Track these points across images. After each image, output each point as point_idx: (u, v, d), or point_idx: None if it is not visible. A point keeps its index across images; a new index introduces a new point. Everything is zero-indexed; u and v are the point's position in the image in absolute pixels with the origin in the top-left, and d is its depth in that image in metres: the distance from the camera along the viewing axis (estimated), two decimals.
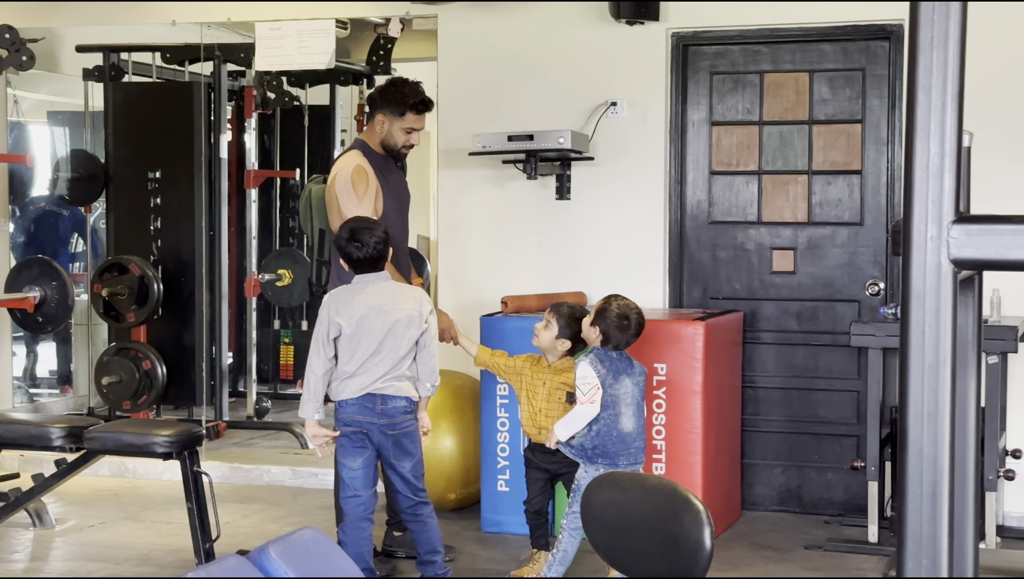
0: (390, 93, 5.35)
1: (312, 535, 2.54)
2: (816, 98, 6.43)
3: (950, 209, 1.97)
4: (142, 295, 7.87)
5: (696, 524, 2.67)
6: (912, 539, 2.02)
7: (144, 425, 5.23)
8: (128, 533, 6.04)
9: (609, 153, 6.60)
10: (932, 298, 1.99)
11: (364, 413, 4.63)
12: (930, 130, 2.03)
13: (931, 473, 2.00)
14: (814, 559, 5.61)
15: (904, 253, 1.99)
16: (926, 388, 2.00)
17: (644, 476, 2.92)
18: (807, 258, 6.48)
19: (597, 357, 4.91)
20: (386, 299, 4.66)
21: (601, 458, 4.87)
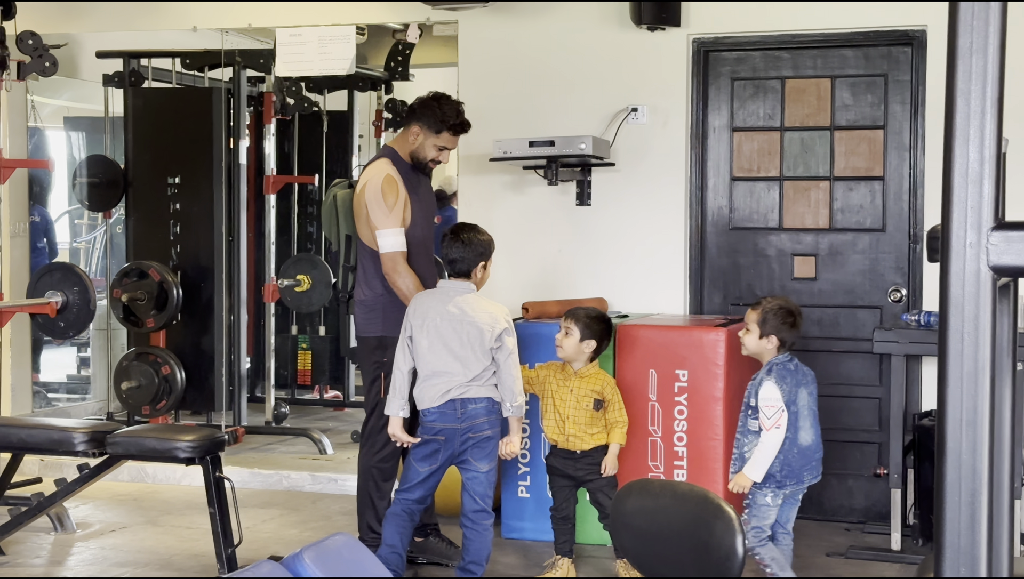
0: (431, 108, 5.35)
1: (344, 541, 2.54)
2: (838, 104, 6.41)
3: (989, 216, 1.95)
4: (161, 300, 7.88)
5: (728, 531, 2.65)
6: (950, 547, 2.00)
7: (167, 430, 5.23)
8: (148, 538, 6.05)
9: (630, 159, 6.59)
10: (971, 305, 1.98)
11: (445, 420, 4.67)
12: (969, 136, 2.01)
13: (970, 481, 1.99)
14: (836, 567, 5.58)
15: (943, 260, 1.97)
16: (965, 395, 1.98)
17: (675, 483, 2.91)
18: (828, 264, 6.46)
19: (779, 374, 4.70)
20: (460, 310, 4.70)
21: (788, 479, 4.68)
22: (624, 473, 5.87)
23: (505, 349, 4.67)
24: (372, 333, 5.31)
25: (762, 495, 4.68)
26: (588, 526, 5.83)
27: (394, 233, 5.21)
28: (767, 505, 4.67)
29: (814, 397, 4.80)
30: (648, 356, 5.80)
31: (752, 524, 4.70)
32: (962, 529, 1.99)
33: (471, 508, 4.71)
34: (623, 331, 5.87)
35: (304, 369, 9.70)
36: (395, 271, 5.18)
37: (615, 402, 5.27)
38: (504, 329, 4.67)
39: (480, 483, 4.68)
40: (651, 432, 5.81)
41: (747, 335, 4.80)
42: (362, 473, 5.39)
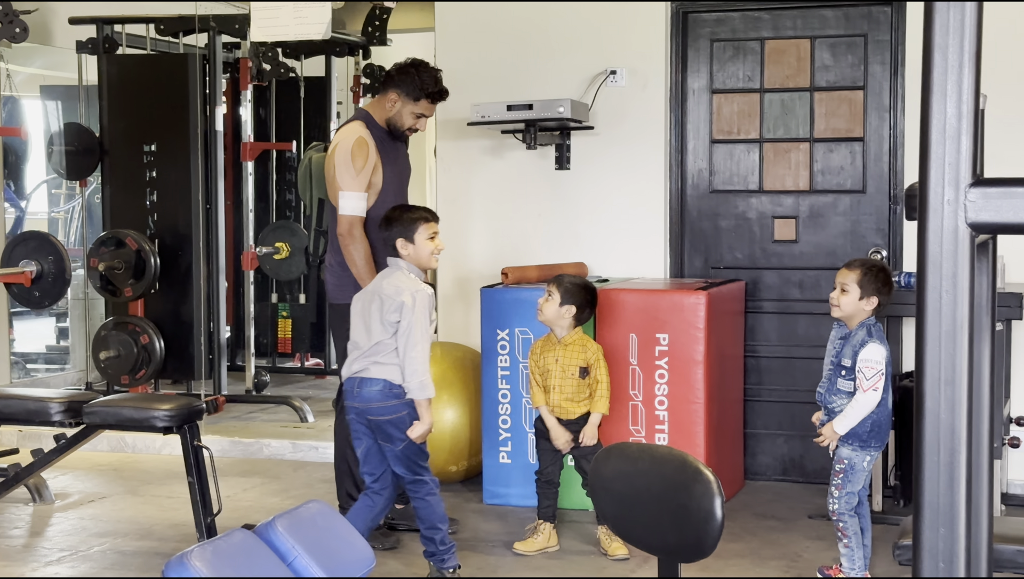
0: (409, 75, 5.27)
1: (319, 509, 2.50)
2: (818, 65, 6.37)
3: (967, 172, 1.92)
4: (139, 269, 7.82)
5: (707, 495, 2.63)
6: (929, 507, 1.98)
7: (144, 399, 5.19)
8: (128, 507, 6.02)
9: (609, 122, 6.55)
10: (949, 263, 1.95)
11: (348, 397, 4.65)
12: (947, 91, 1.98)
13: (948, 441, 1.96)
14: (818, 528, 5.58)
15: (920, 217, 1.95)
16: (943, 354, 1.96)
17: (654, 446, 2.89)
18: (809, 226, 6.44)
19: (880, 336, 4.59)
20: (383, 283, 4.67)
21: (874, 440, 4.60)
22: (605, 437, 5.86)
23: (404, 325, 4.52)
24: (344, 300, 5.26)
25: (860, 458, 4.59)
26: (571, 491, 5.81)
27: (356, 197, 5.13)
28: (861, 469, 4.62)
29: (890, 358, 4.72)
30: (628, 320, 5.78)
31: (846, 489, 4.61)
32: (941, 489, 1.97)
33: (404, 481, 4.71)
34: (603, 295, 5.84)
35: (284, 337, 9.66)
36: (349, 235, 5.10)
37: (599, 369, 5.22)
38: (403, 303, 4.51)
39: (398, 460, 4.63)
40: (632, 396, 5.79)
41: (844, 296, 4.61)
42: (339, 442, 5.36)
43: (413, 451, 4.64)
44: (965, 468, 2.01)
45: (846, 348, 4.60)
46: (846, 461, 4.61)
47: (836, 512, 4.62)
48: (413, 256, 4.71)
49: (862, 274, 4.60)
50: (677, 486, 2.72)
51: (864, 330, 4.57)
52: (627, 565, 5.05)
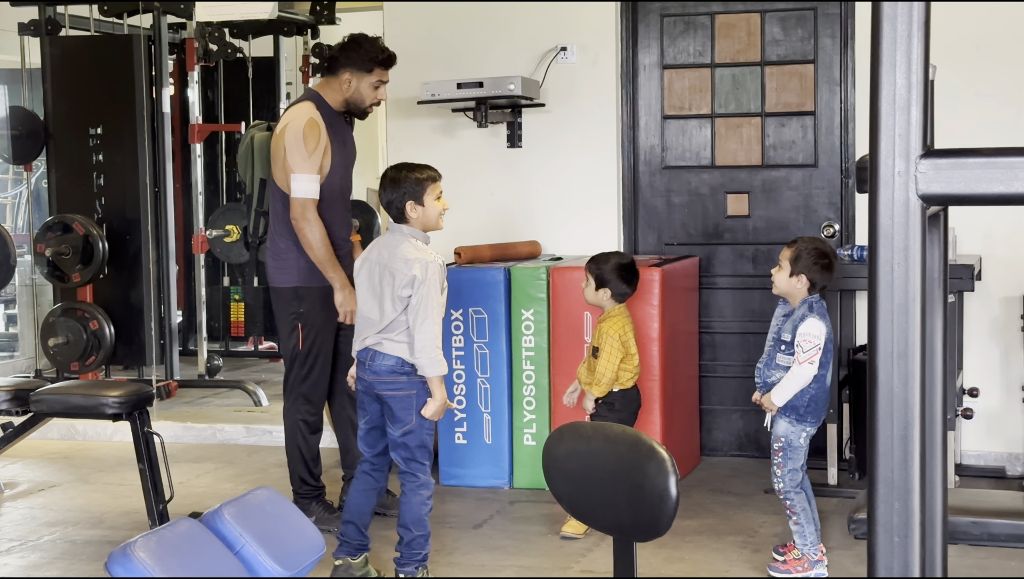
0: (354, 50, 5.21)
1: (267, 495, 2.46)
2: (768, 39, 6.36)
3: (918, 143, 1.90)
4: (87, 254, 7.72)
5: (661, 473, 2.61)
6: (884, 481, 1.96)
7: (93, 386, 5.11)
8: (79, 496, 5.94)
9: (560, 99, 6.51)
10: (901, 235, 1.93)
11: (360, 368, 4.45)
12: (896, 61, 1.95)
13: (902, 415, 1.94)
14: (774, 503, 5.57)
15: (871, 190, 1.92)
16: (896, 328, 1.93)
17: (606, 425, 2.86)
18: (761, 201, 6.43)
19: (820, 311, 4.57)
20: (389, 253, 4.40)
21: (811, 416, 4.59)
22: (560, 416, 5.85)
23: (414, 300, 4.31)
24: (286, 283, 5.18)
25: (796, 434, 4.58)
26: (527, 470, 5.80)
27: (309, 179, 5.05)
28: (799, 446, 4.60)
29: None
30: (581, 298, 5.74)
31: (787, 467, 4.59)
32: (895, 463, 1.95)
33: (398, 470, 4.54)
34: (556, 274, 5.81)
35: (237, 321, 9.57)
36: (304, 218, 5.02)
37: (603, 352, 5.13)
38: (414, 277, 4.29)
39: (397, 447, 4.44)
40: None
41: (778, 273, 4.64)
42: (288, 427, 5.30)
43: (415, 441, 4.42)
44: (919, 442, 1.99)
45: (787, 323, 4.62)
46: (783, 438, 4.61)
47: (782, 491, 4.61)
48: (421, 219, 4.43)
49: (794, 253, 4.62)
50: (631, 465, 2.70)
51: (806, 306, 4.59)
52: (584, 543, 5.03)
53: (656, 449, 2.65)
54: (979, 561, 4.66)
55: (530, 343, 5.85)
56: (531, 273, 5.85)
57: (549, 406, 5.86)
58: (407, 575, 4.44)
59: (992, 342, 6.03)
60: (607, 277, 5.14)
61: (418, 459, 4.46)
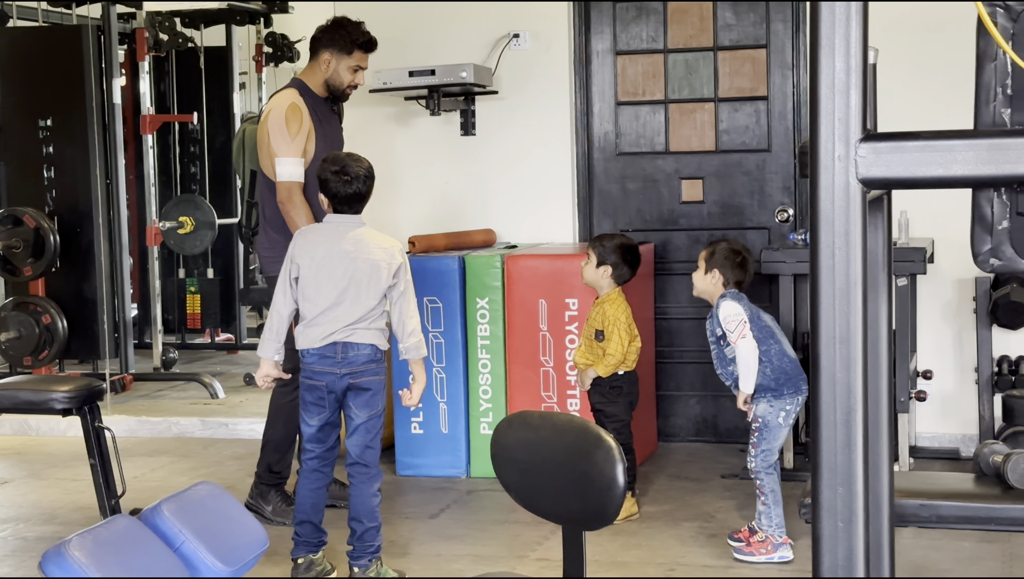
0: (336, 32, 5.23)
1: (209, 491, 2.42)
2: (720, 24, 6.35)
3: (857, 127, 1.89)
4: (38, 247, 7.62)
5: (608, 461, 2.60)
6: (827, 467, 1.96)
7: (42, 381, 5.03)
8: (31, 492, 5.87)
9: (513, 87, 6.48)
10: (841, 219, 1.92)
11: (325, 363, 4.38)
12: (835, 45, 1.94)
13: (844, 399, 1.94)
14: (731, 488, 5.60)
15: (812, 174, 1.91)
16: (837, 312, 1.93)
17: (555, 414, 2.85)
18: (716, 187, 6.44)
19: (734, 295, 4.68)
20: (354, 246, 4.36)
21: (786, 387, 4.60)
22: (517, 405, 5.83)
23: (400, 286, 4.37)
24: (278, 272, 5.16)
25: (774, 414, 4.60)
26: (483, 460, 5.78)
27: (293, 162, 5.04)
28: (777, 425, 4.61)
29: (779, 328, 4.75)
30: (537, 286, 5.74)
31: (761, 446, 4.60)
32: (838, 448, 1.94)
33: (348, 460, 4.49)
34: (511, 262, 5.79)
35: (193, 313, 9.50)
36: (289, 201, 5.01)
37: (610, 335, 5.11)
38: (400, 265, 4.37)
39: (358, 432, 4.41)
40: (543, 362, 5.76)
41: (696, 274, 4.81)
42: (274, 410, 5.23)
43: (376, 427, 4.44)
44: (862, 426, 1.98)
45: (711, 321, 4.74)
46: (760, 418, 4.63)
47: (753, 470, 4.62)
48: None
49: (709, 252, 4.79)
50: (579, 454, 2.68)
51: (720, 297, 4.67)
52: (540, 532, 5.02)
53: (603, 437, 2.63)
54: (932, 542, 4.68)
55: (485, 332, 5.83)
56: (485, 261, 5.82)
57: (505, 395, 5.84)
58: (361, 568, 4.41)
59: (945, 324, 6.06)
60: (609, 256, 5.14)
61: (373, 446, 4.46)
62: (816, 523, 1.96)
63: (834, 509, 1.93)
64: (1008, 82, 2.06)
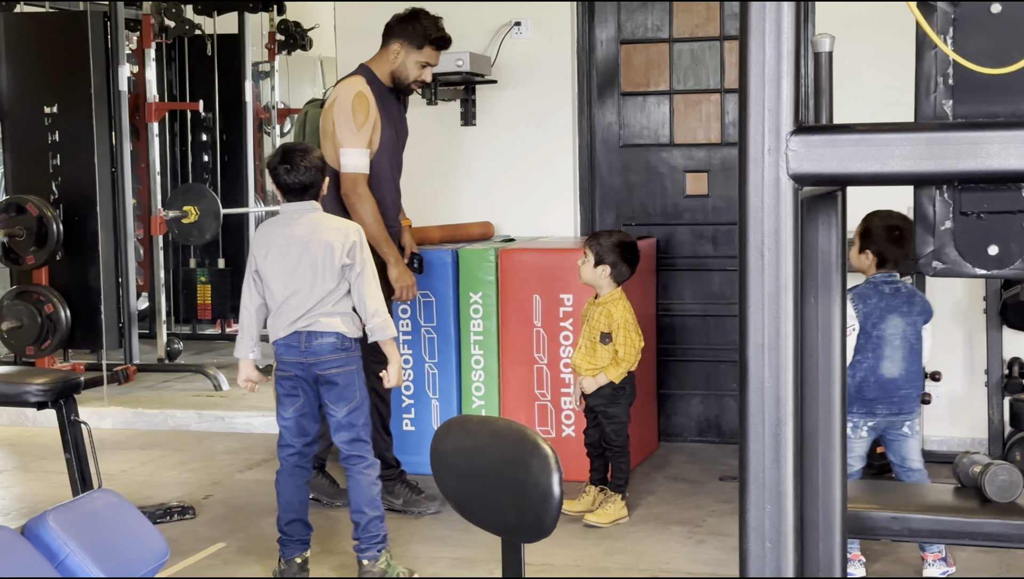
0: (411, 23, 5.10)
1: (106, 501, 2.30)
2: (727, 13, 6.17)
3: (789, 119, 1.73)
4: (41, 236, 7.56)
5: (544, 470, 2.45)
6: (754, 483, 1.80)
7: (18, 374, 4.94)
8: (17, 484, 5.80)
9: (515, 76, 6.33)
10: (771, 218, 1.76)
11: (291, 353, 4.28)
12: (765, 30, 1.78)
13: (773, 410, 1.78)
14: (727, 490, 5.43)
15: (740, 168, 1.75)
16: (766, 318, 1.77)
17: (493, 419, 2.72)
18: (721, 180, 6.26)
19: (862, 293, 4.30)
20: (308, 230, 4.26)
21: (856, 406, 4.29)
22: (510, 402, 5.70)
23: (356, 265, 4.25)
24: None
25: None
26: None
27: (359, 153, 4.93)
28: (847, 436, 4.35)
29: (916, 329, 4.31)
30: (531, 281, 5.59)
31: None
32: (766, 463, 1.79)
33: (341, 455, 4.39)
34: (505, 256, 5.65)
35: (204, 303, 9.42)
36: (355, 193, 4.90)
37: (619, 338, 4.95)
38: (355, 243, 4.25)
39: (342, 428, 4.31)
40: (536, 359, 5.61)
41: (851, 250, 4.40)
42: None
43: (360, 418, 4.33)
44: (792, 439, 1.82)
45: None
46: None
47: None
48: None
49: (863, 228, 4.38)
50: (515, 461, 2.54)
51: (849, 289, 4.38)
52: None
53: (540, 445, 2.49)
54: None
55: (479, 327, 5.69)
56: (479, 255, 5.68)
57: (498, 391, 5.70)
58: (371, 560, 4.33)
59: (955, 325, 5.85)
60: (607, 254, 4.97)
61: (362, 438, 4.37)
62: (742, 542, 1.81)
63: (761, 528, 1.78)
64: (949, 71, 1.90)
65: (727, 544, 4.72)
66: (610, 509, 4.97)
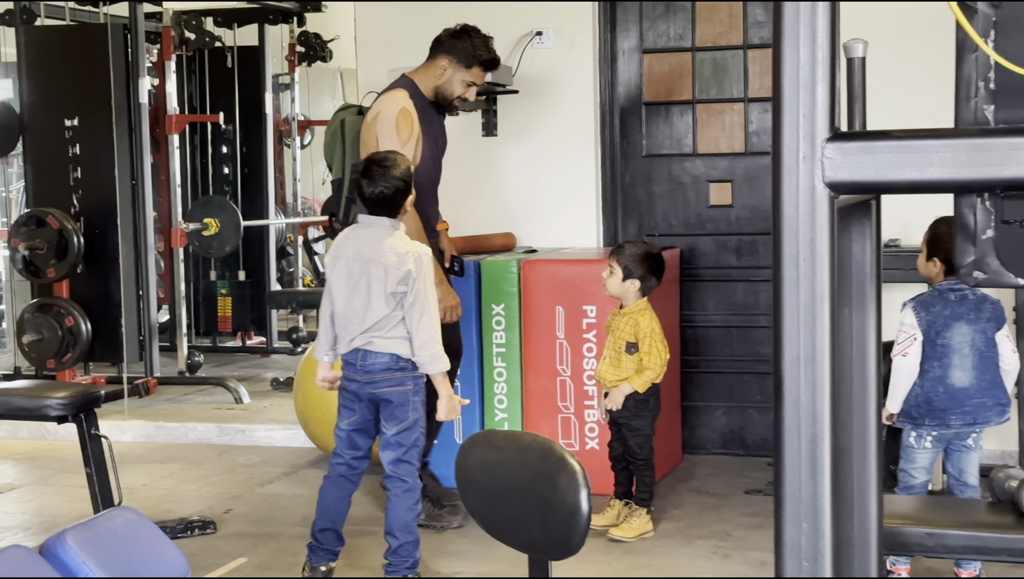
0: (461, 40, 5.02)
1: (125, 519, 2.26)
2: (750, 21, 6.11)
3: (824, 125, 1.67)
4: (62, 249, 7.55)
5: (572, 486, 2.40)
6: (790, 500, 1.74)
7: (39, 387, 4.91)
8: (37, 498, 5.77)
9: (536, 86, 6.28)
10: (806, 228, 1.71)
11: (349, 369, 4.28)
12: (799, 34, 1.73)
13: (809, 426, 1.72)
14: (753, 504, 5.36)
15: (774, 177, 1.69)
16: (802, 330, 1.71)
17: (520, 434, 2.67)
18: (745, 190, 6.20)
19: (924, 301, 4.20)
20: (373, 248, 4.21)
21: (928, 418, 4.19)
22: (533, 415, 5.65)
23: (410, 295, 4.15)
24: None
25: (906, 434, 4.26)
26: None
27: None
28: (910, 446, 4.24)
29: (987, 336, 4.19)
30: (554, 292, 5.54)
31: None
32: (803, 479, 1.73)
33: (384, 473, 4.35)
34: (527, 267, 5.60)
35: (225, 315, 9.40)
36: None
37: (644, 347, 4.88)
38: (409, 272, 4.14)
39: (389, 446, 4.26)
40: (560, 371, 5.56)
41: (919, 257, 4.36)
42: None
43: (409, 439, 4.27)
44: (829, 456, 1.76)
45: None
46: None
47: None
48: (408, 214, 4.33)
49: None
50: (542, 477, 2.49)
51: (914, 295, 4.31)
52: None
53: (568, 460, 2.44)
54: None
55: (501, 339, 5.64)
56: (501, 266, 5.63)
57: (521, 404, 5.65)
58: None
59: None
60: (635, 267, 4.89)
61: (408, 460, 4.32)
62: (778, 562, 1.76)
63: (798, 547, 1.73)
64: (991, 75, 1.84)
65: (753, 559, 4.66)
66: (635, 523, 4.91)
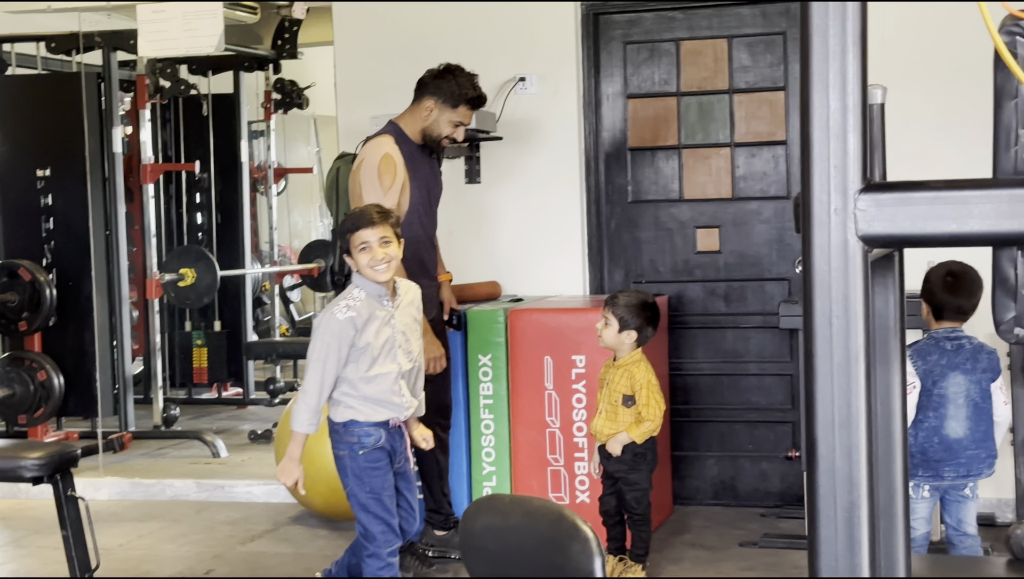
0: (446, 80, 4.97)
1: None
2: (736, 65, 6.05)
3: (856, 176, 1.57)
4: (34, 301, 7.39)
5: (585, 554, 2.28)
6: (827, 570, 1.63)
7: (12, 447, 4.75)
8: (9, 561, 5.58)
9: (520, 132, 6.19)
10: (839, 283, 1.60)
11: None
12: (829, 81, 1.63)
13: (846, 494, 1.61)
14: (749, 558, 5.24)
15: (804, 231, 1.59)
16: (836, 391, 1.60)
17: (526, 499, 2.55)
18: (733, 236, 6.11)
19: (921, 350, 4.12)
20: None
21: (922, 469, 4.10)
22: (522, 468, 5.52)
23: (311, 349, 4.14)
24: None
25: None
26: None
27: None
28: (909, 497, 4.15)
29: (982, 387, 4.11)
30: (542, 342, 5.43)
31: None
32: (839, 550, 1.62)
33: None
34: (514, 317, 5.48)
35: (200, 367, 9.22)
36: None
37: (642, 398, 4.77)
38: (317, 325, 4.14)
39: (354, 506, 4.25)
40: (549, 423, 5.44)
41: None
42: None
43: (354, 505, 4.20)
44: (867, 525, 1.65)
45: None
46: None
47: None
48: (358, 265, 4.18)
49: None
50: (552, 544, 2.37)
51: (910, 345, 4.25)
52: None
53: (580, 527, 2.32)
54: None
55: (488, 390, 5.52)
56: (488, 316, 5.52)
57: (509, 457, 5.52)
58: None
59: None
60: (632, 319, 4.78)
61: (363, 524, 4.22)
62: None
63: None
64: None
65: None
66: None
